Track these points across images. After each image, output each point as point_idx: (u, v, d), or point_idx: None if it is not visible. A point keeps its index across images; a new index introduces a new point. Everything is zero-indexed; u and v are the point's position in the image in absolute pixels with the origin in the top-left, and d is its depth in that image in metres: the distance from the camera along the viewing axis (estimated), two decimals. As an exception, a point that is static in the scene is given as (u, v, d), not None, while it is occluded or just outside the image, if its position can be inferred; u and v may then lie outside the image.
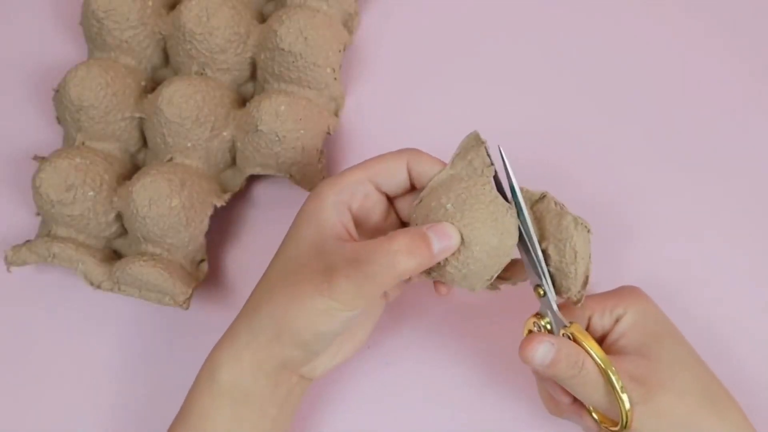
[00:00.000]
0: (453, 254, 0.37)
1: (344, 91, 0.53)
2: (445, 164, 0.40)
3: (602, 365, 0.37)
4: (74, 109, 0.49)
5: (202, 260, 0.48)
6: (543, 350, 0.37)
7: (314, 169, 0.49)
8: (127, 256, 0.48)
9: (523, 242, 0.38)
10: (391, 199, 0.42)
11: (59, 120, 0.52)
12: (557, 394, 0.40)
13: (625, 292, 0.41)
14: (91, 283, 0.47)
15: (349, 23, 0.54)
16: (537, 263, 0.38)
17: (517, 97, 0.53)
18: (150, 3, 0.51)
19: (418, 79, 0.54)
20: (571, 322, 0.39)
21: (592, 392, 0.37)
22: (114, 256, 0.49)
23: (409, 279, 0.42)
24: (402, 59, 0.55)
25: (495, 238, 0.37)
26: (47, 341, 0.48)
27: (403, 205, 0.42)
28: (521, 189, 0.39)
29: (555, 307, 0.39)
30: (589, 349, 0.37)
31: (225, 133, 0.49)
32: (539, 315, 0.40)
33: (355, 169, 0.40)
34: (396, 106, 0.53)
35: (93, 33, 0.51)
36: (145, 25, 0.51)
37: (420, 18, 0.56)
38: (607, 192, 0.50)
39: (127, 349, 0.48)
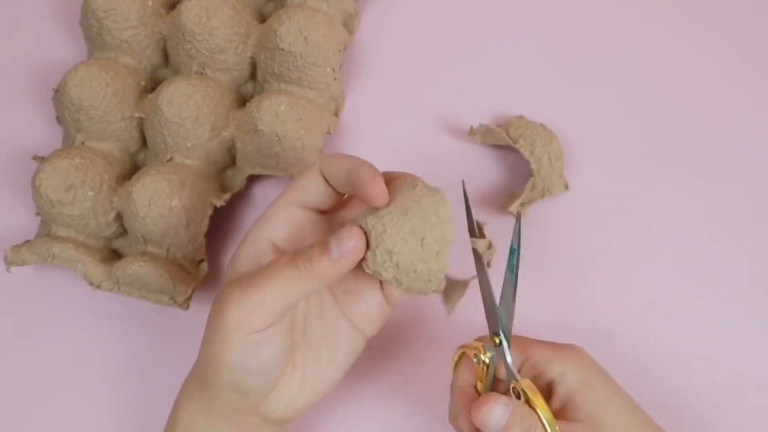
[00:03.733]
0: (372, 253, 0.35)
1: (344, 91, 0.53)
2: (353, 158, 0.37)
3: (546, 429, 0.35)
4: (74, 109, 0.49)
5: (202, 260, 0.48)
6: (499, 412, 0.35)
7: (314, 169, 0.49)
8: (127, 256, 0.48)
9: (482, 287, 0.38)
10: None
11: (59, 120, 0.52)
12: (459, 421, 0.38)
13: (566, 351, 0.39)
14: (91, 283, 0.47)
15: (349, 23, 0.54)
16: (496, 310, 0.37)
17: (517, 96, 0.53)
18: (150, 3, 0.51)
19: (418, 79, 0.54)
20: (524, 379, 0.37)
21: None
22: (114, 256, 0.49)
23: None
24: (402, 59, 0.55)
25: (418, 231, 0.34)
26: (47, 341, 0.48)
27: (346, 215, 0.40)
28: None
29: (509, 359, 0.37)
30: (540, 413, 0.35)
31: (225, 133, 0.49)
32: (478, 347, 0.38)
33: (275, 200, 0.39)
34: (396, 106, 0.53)
35: (93, 33, 0.51)
36: (145, 25, 0.51)
37: (420, 18, 0.56)
38: (604, 190, 0.50)
39: (127, 349, 0.48)
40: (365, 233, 0.35)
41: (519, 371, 0.38)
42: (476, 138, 0.51)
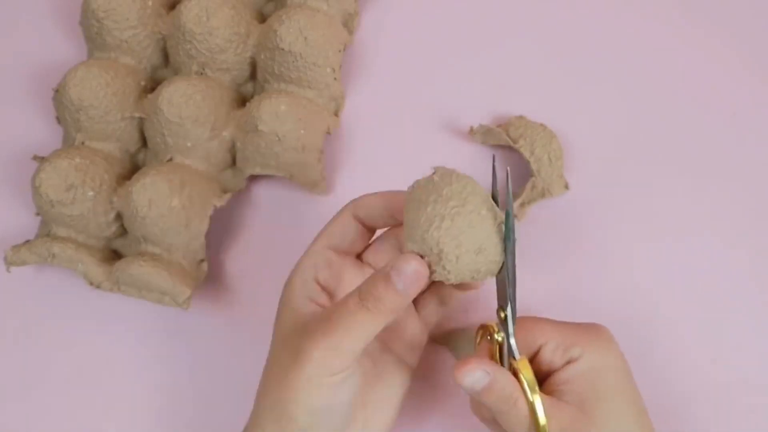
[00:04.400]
0: (436, 267, 0.35)
1: (344, 91, 0.53)
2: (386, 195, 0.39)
3: (529, 399, 0.36)
4: (74, 109, 0.49)
5: (202, 260, 0.48)
6: (476, 377, 0.36)
7: (314, 169, 0.49)
8: (127, 256, 0.48)
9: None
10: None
11: (59, 120, 0.52)
12: (481, 409, 0.39)
13: (588, 332, 0.39)
14: (91, 283, 0.47)
15: (349, 23, 0.54)
16: (508, 285, 0.36)
17: (517, 96, 0.53)
18: (150, 3, 0.51)
19: (418, 79, 0.54)
20: (521, 357, 0.37)
21: (517, 430, 0.36)
22: (114, 256, 0.49)
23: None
24: (402, 59, 0.55)
25: (476, 252, 0.34)
26: (47, 341, 0.48)
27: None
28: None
29: (512, 339, 0.37)
30: (523, 381, 0.36)
31: (225, 133, 0.49)
32: (492, 327, 0.38)
33: (312, 244, 0.41)
34: (396, 106, 0.53)
35: (93, 33, 0.51)
36: (145, 25, 0.51)
37: (420, 18, 0.56)
38: (604, 190, 0.50)
39: (127, 349, 0.48)
40: (422, 256, 0.35)
41: (537, 352, 0.38)
42: (476, 138, 0.51)
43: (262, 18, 0.53)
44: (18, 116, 0.54)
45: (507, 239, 0.35)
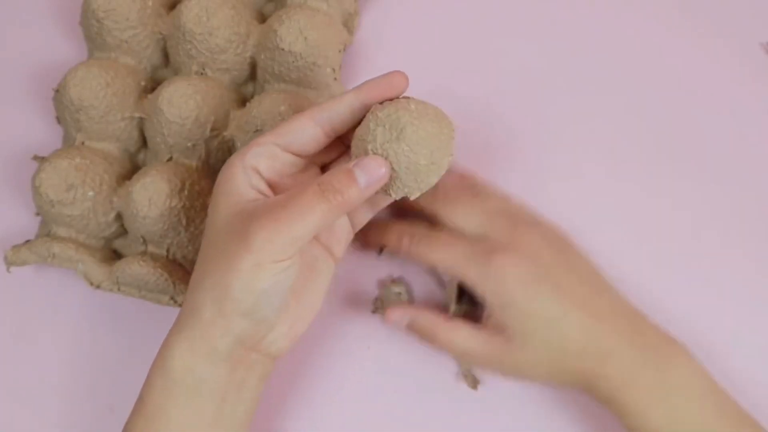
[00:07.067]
0: (394, 181, 0.38)
1: (344, 91, 0.53)
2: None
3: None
4: (74, 109, 0.49)
5: (202, 260, 0.48)
6: (397, 317, 0.44)
7: (314, 169, 0.49)
8: (127, 256, 0.48)
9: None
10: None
11: (59, 120, 0.52)
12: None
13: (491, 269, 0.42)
14: (91, 283, 0.47)
15: (349, 23, 0.54)
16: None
17: (517, 96, 0.53)
18: (150, 3, 0.51)
19: (418, 79, 0.54)
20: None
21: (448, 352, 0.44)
22: (114, 256, 0.49)
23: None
24: (402, 59, 0.55)
25: (426, 158, 0.38)
26: (47, 341, 0.48)
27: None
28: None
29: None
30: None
31: (225, 133, 0.49)
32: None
33: (261, 136, 0.40)
34: (396, 106, 0.53)
35: (93, 33, 0.51)
36: (145, 25, 0.51)
37: (420, 18, 0.56)
38: (604, 189, 0.50)
39: (127, 349, 0.48)
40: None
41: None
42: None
43: (262, 18, 0.53)
44: (18, 116, 0.54)
45: None
